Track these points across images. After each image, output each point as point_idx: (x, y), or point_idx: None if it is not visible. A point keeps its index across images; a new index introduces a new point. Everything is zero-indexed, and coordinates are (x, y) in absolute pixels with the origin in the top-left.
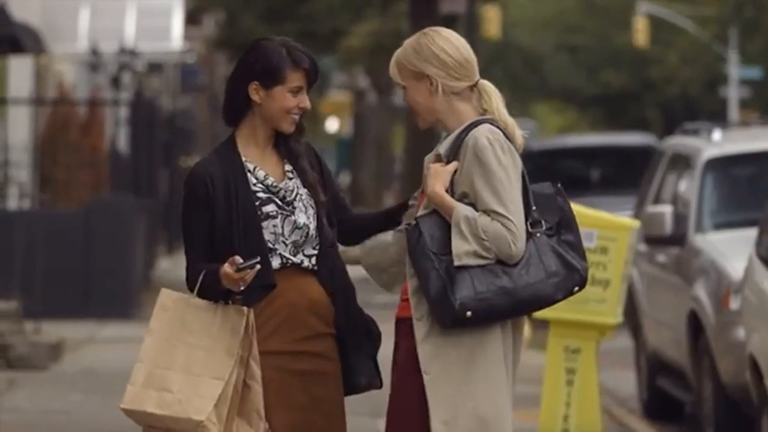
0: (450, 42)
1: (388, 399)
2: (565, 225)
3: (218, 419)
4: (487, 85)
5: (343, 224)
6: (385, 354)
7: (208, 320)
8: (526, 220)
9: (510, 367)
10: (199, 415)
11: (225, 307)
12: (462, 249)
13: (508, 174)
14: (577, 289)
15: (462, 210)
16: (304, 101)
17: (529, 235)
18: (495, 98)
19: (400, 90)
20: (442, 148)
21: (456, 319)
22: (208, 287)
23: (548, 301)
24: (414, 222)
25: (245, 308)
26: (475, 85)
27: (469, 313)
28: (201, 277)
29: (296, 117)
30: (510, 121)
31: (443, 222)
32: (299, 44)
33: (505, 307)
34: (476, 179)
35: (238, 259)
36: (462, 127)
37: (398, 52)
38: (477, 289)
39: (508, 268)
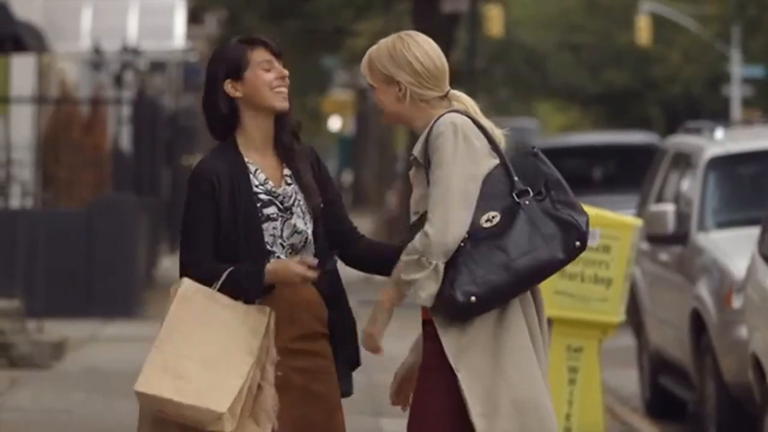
0: (424, 51)
1: (412, 399)
2: (554, 186)
3: (232, 415)
4: (460, 94)
5: (352, 244)
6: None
7: (229, 316)
8: (512, 191)
9: (539, 338)
10: (220, 407)
11: (247, 306)
12: (407, 279)
13: (446, 165)
14: (578, 244)
15: (389, 283)
16: (281, 70)
17: (517, 206)
18: (468, 103)
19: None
20: (415, 149)
21: (463, 309)
22: (237, 286)
23: (552, 264)
24: (411, 233)
25: (267, 308)
26: (446, 95)
27: (473, 299)
28: (225, 275)
29: (284, 91)
30: (487, 123)
31: None
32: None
33: (508, 281)
34: (431, 170)
35: (311, 259)
36: (429, 127)
37: (372, 51)
38: (475, 273)
39: (501, 243)
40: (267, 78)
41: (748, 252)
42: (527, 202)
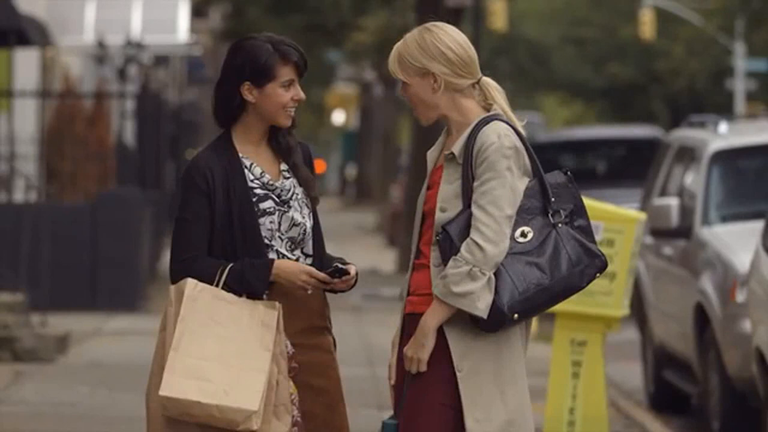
0: (455, 39)
1: (409, 390)
2: (577, 211)
3: (259, 412)
4: (490, 82)
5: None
6: (378, 343)
7: (236, 313)
8: (547, 212)
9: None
10: (252, 405)
11: (252, 302)
12: (461, 291)
13: (502, 177)
14: (598, 274)
15: (437, 306)
16: (298, 93)
17: (552, 226)
18: (498, 95)
19: (400, 84)
20: (455, 148)
21: (502, 321)
22: (242, 281)
23: (575, 291)
24: (442, 230)
25: (276, 303)
26: (478, 81)
27: (516, 316)
28: (227, 270)
29: (292, 110)
30: (514, 120)
31: (470, 223)
32: (284, 38)
33: (543, 302)
34: (480, 179)
35: (323, 275)
36: (472, 126)
37: (399, 47)
38: (519, 289)
39: (539, 263)
40: (284, 98)
41: (752, 246)
42: (560, 225)
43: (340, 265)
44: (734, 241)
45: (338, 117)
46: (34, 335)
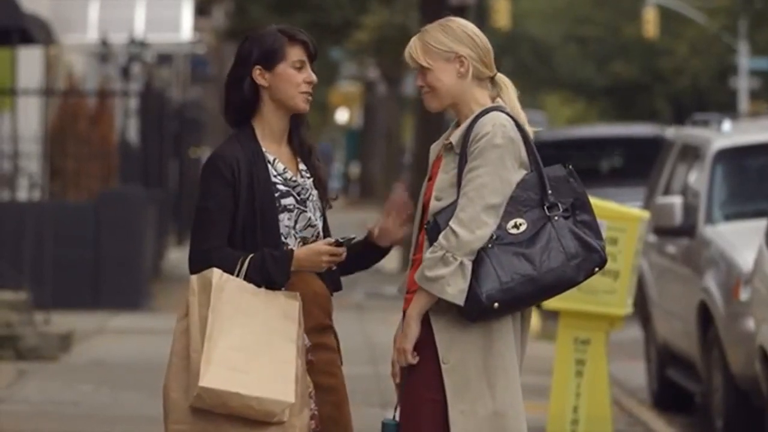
0: (477, 29)
1: (404, 387)
2: (580, 205)
3: None
4: (506, 78)
5: None
6: (381, 342)
7: (259, 304)
8: (543, 204)
9: (518, 355)
10: (289, 397)
11: (273, 292)
12: (432, 275)
13: (490, 165)
14: (597, 269)
15: (417, 294)
16: (310, 75)
17: (548, 219)
18: (511, 91)
19: (420, 72)
20: (454, 138)
21: (483, 312)
22: (263, 271)
23: (570, 284)
24: (432, 219)
25: (297, 294)
26: (493, 77)
27: (496, 305)
28: (248, 261)
29: (308, 94)
30: (522, 117)
31: None
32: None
33: (529, 294)
34: (468, 167)
35: (331, 240)
36: (472, 117)
37: (420, 37)
38: (501, 279)
39: (528, 254)
40: (297, 78)
41: (755, 244)
42: (557, 218)
43: (340, 239)
44: (738, 240)
45: (341, 115)
46: (37, 334)
